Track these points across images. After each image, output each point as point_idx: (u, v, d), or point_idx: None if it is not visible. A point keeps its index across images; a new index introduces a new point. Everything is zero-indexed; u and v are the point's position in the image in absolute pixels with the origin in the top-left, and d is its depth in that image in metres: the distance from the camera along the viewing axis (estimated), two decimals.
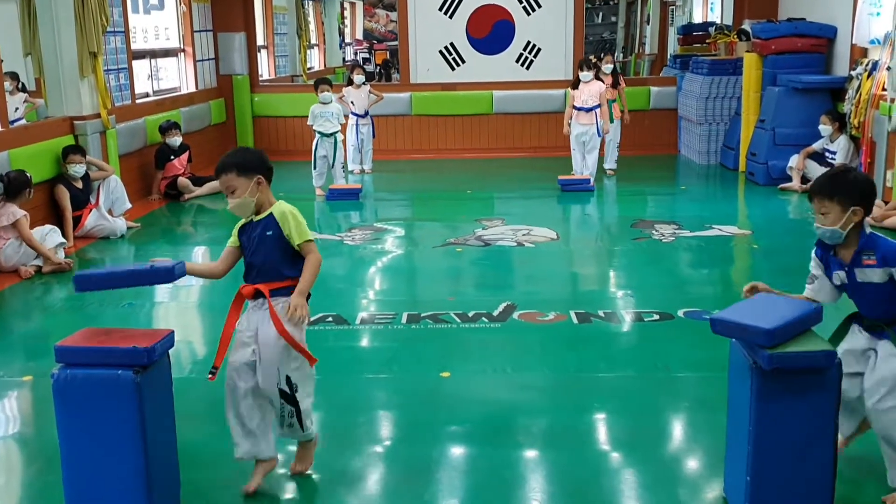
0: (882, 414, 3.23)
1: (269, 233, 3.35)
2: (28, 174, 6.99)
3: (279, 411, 3.44)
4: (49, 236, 6.88)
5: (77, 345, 3.15)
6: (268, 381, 3.37)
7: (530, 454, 3.79)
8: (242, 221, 3.45)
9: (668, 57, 15.89)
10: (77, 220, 7.76)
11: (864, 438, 3.57)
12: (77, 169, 7.83)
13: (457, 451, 3.84)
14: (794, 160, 9.56)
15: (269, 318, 3.34)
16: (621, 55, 22.22)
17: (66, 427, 3.14)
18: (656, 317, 5.42)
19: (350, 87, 10.79)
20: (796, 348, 3.02)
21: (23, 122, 8.52)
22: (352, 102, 10.68)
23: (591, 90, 9.72)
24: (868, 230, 3.27)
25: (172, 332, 3.26)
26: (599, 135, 9.83)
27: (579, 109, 9.76)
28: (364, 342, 5.24)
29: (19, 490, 3.67)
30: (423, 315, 5.52)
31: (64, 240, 7.08)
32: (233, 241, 3.47)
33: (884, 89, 8.34)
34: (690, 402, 4.29)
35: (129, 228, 8.10)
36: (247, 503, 3.40)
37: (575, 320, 5.40)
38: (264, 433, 3.45)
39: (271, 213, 3.38)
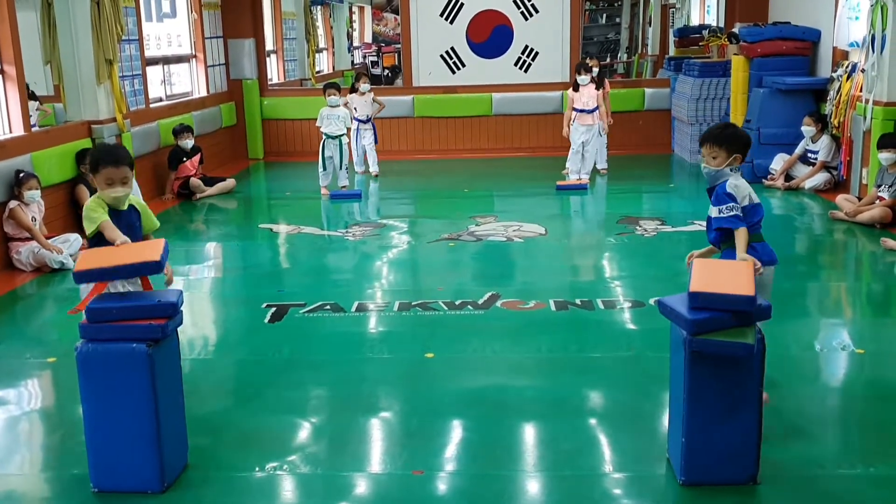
0: None
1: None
2: (21, 173, 7.21)
3: None
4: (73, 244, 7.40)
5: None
6: None
7: (502, 421, 4.22)
8: None
9: (665, 59, 16.29)
10: None
11: (790, 408, 4.00)
12: None
13: (438, 420, 4.28)
14: (777, 162, 9.96)
15: None
16: (625, 55, 22.67)
17: (89, 394, 3.59)
18: (628, 304, 5.85)
19: (354, 94, 11.22)
20: (718, 337, 3.42)
21: (36, 128, 8.94)
22: (355, 108, 11.12)
23: (591, 92, 10.19)
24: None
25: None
26: (601, 135, 10.42)
27: (581, 111, 10.22)
28: (358, 327, 5.69)
29: (46, 452, 4.17)
30: (413, 303, 5.97)
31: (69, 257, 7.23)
32: None
33: (861, 91, 8.75)
34: (651, 378, 4.71)
35: None
36: (255, 472, 3.86)
37: (553, 308, 5.84)
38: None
39: None
